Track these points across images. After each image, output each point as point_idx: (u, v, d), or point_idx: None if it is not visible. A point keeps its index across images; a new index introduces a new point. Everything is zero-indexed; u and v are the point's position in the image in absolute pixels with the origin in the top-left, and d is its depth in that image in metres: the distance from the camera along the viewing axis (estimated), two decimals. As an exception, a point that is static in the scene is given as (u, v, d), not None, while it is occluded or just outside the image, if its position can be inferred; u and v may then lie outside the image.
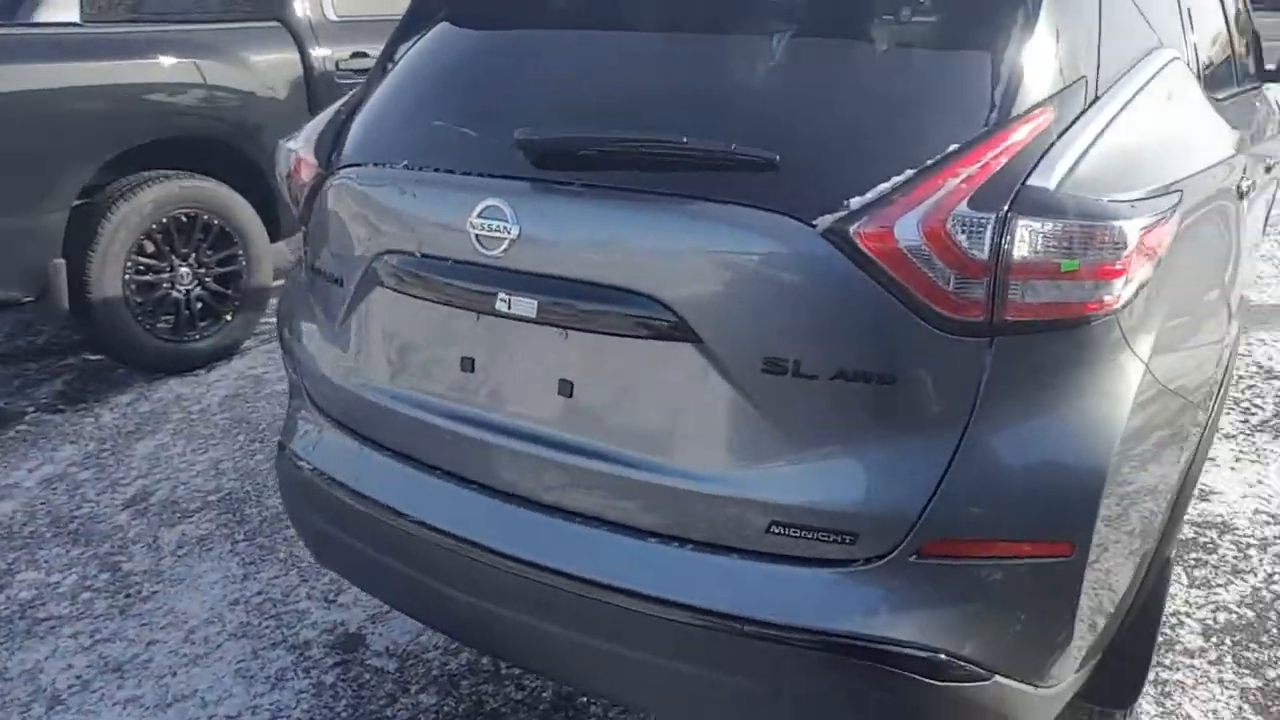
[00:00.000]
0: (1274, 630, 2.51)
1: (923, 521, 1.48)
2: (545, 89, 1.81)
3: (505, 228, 1.64)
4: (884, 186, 1.46)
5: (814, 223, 1.47)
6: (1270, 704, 2.26)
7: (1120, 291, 1.48)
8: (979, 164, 1.46)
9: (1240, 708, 2.25)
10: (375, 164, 1.89)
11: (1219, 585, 2.68)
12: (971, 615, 1.53)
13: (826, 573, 1.53)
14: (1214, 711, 2.23)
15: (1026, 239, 1.42)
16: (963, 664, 1.52)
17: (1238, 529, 2.95)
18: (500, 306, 1.66)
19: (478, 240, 1.67)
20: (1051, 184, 1.46)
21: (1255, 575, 2.73)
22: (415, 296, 1.79)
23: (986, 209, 1.42)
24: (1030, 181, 1.45)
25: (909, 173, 1.46)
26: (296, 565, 2.82)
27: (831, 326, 1.50)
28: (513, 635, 1.77)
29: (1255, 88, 3.28)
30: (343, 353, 1.97)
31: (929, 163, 1.46)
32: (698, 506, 1.58)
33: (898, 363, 1.48)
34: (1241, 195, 2.32)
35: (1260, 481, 3.23)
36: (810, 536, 1.53)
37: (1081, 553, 1.52)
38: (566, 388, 1.66)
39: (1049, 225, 1.42)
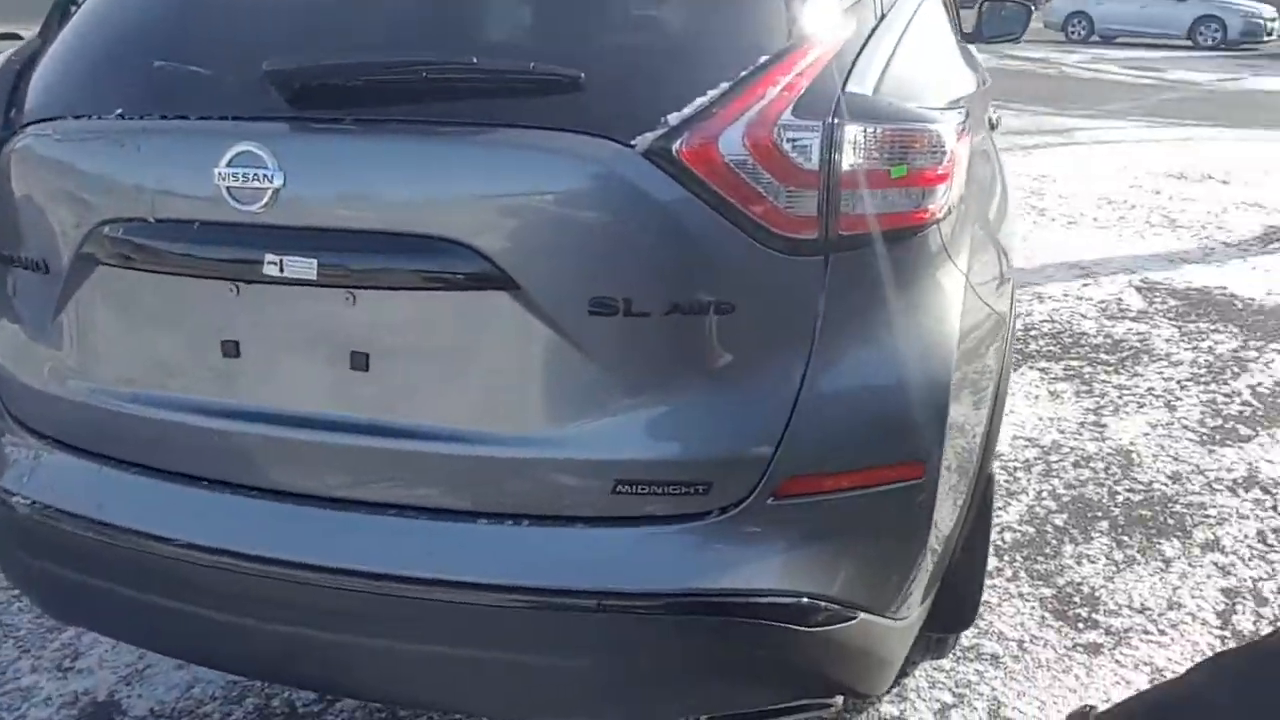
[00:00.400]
0: (1054, 541, 2.65)
1: (777, 459, 1.38)
2: (294, 11, 1.54)
3: (265, 175, 1.37)
4: (702, 100, 1.35)
5: (632, 143, 1.33)
6: (1065, 608, 2.37)
7: (943, 199, 1.46)
8: (794, 73, 1.39)
9: (1043, 616, 2.34)
10: (76, 116, 1.54)
11: (999, 508, 2.80)
12: (833, 553, 1.45)
13: (681, 529, 1.40)
14: (1021, 624, 2.31)
15: (854, 144, 1.35)
16: (829, 605, 1.44)
17: (1002, 455, 3.12)
18: (270, 271, 1.39)
19: (230, 194, 1.39)
20: (869, 91, 1.42)
21: (1027, 495, 2.89)
22: (152, 271, 1.47)
23: (812, 116, 1.35)
24: (849, 89, 1.40)
25: (724, 85, 1.36)
26: (13, 634, 2.31)
27: (661, 256, 1.36)
28: (325, 658, 1.50)
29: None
30: (57, 354, 1.60)
31: (743, 74, 1.37)
32: (532, 476, 1.40)
33: (734, 290, 1.37)
34: (993, 127, 2.42)
35: (1011, 411, 3.43)
36: (660, 491, 1.39)
37: (932, 473, 1.48)
38: (360, 360, 1.42)
39: (876, 129, 1.37)
